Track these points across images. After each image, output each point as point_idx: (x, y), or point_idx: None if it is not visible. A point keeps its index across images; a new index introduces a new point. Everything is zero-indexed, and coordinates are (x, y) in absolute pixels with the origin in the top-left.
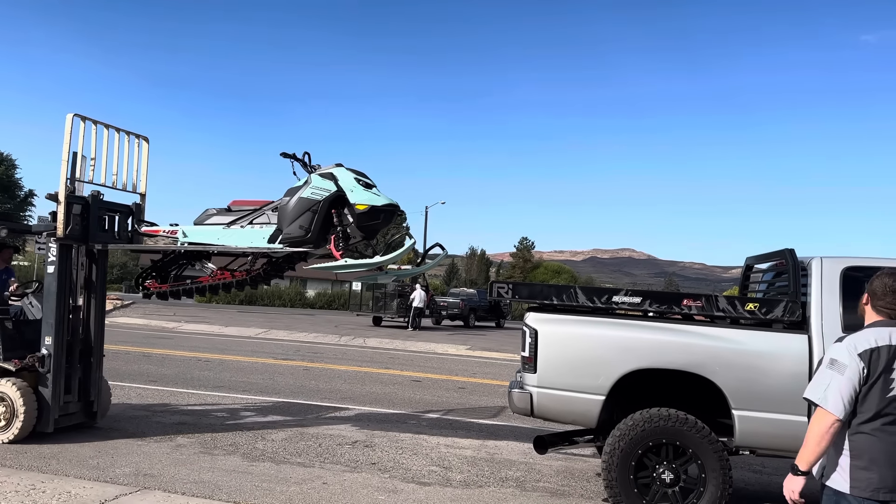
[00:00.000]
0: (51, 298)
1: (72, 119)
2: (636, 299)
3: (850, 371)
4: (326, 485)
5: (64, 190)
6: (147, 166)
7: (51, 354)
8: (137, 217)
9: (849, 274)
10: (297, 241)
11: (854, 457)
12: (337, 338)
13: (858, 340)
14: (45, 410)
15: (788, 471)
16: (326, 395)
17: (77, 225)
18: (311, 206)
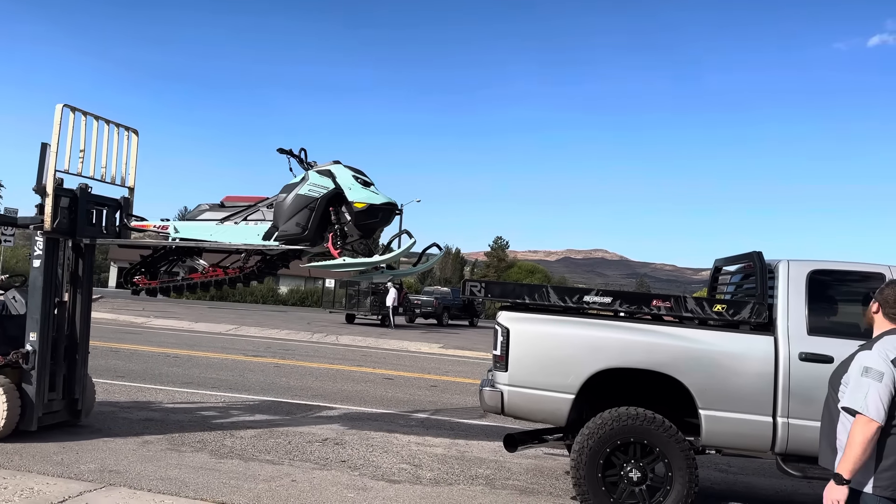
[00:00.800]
0: (36, 294)
1: (61, 109)
2: (607, 299)
3: (887, 377)
4: (295, 482)
5: (52, 182)
6: (136, 160)
7: (36, 351)
8: (126, 211)
9: (815, 277)
10: (293, 238)
11: (881, 458)
12: (309, 335)
13: (888, 348)
14: (29, 408)
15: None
16: (297, 393)
17: (65, 218)
18: (308, 204)
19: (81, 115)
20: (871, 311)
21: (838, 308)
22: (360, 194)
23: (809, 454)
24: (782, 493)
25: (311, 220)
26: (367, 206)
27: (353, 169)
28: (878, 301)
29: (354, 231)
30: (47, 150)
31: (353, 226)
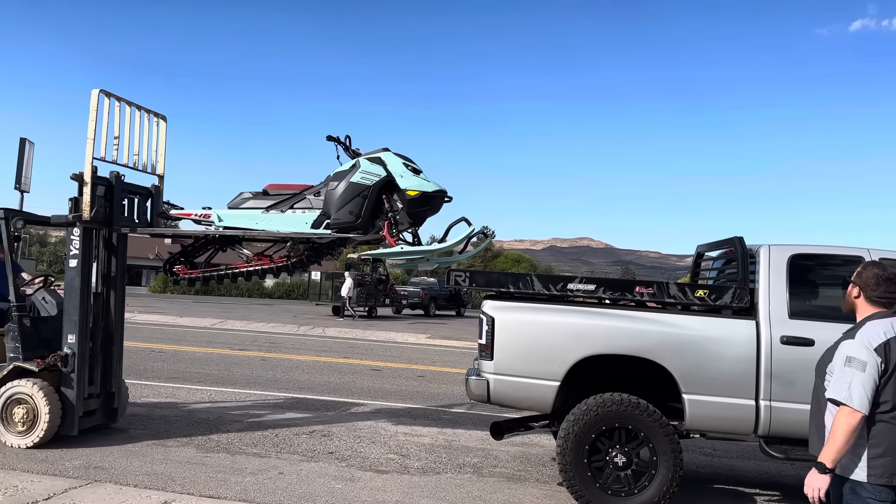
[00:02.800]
0: (73, 294)
1: (98, 95)
2: (591, 287)
3: (871, 367)
4: (283, 475)
5: (90, 170)
6: (165, 147)
7: (75, 353)
8: (158, 199)
9: (795, 261)
10: (346, 226)
11: (872, 445)
12: (296, 328)
13: (870, 335)
14: (70, 412)
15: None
16: (284, 386)
17: (101, 207)
18: (361, 192)
19: (115, 100)
20: (852, 295)
21: (819, 291)
22: (412, 182)
23: (792, 436)
24: (766, 475)
25: (365, 208)
26: (420, 194)
27: (401, 156)
28: (857, 285)
29: (405, 219)
30: (26, 145)
31: (404, 213)
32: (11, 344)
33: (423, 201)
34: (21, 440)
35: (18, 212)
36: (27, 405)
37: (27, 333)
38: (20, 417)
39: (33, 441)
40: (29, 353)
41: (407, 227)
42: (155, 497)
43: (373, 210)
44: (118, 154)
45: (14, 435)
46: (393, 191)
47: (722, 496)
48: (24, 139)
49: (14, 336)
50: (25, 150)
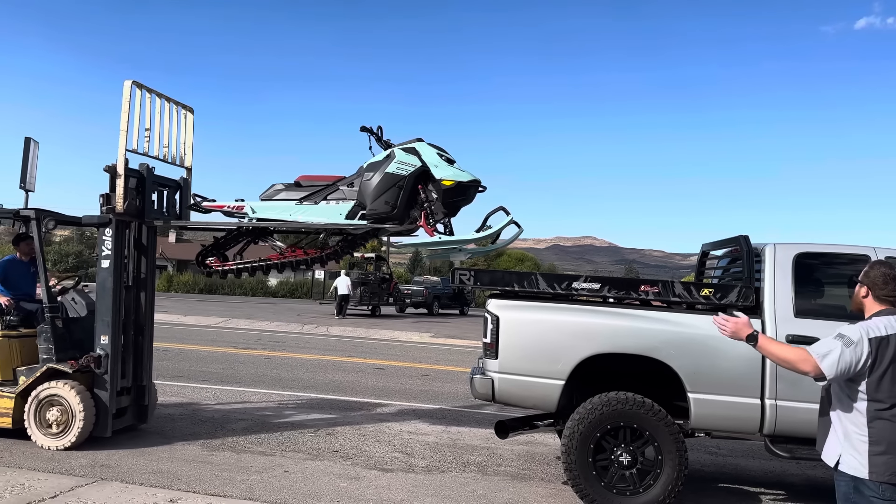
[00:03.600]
0: (106, 295)
1: (130, 86)
2: (595, 285)
3: (858, 348)
4: (288, 473)
5: (123, 162)
6: (192, 139)
7: (108, 355)
8: (186, 192)
9: (801, 260)
10: (382, 216)
11: (873, 443)
12: (299, 326)
13: (871, 327)
14: (103, 414)
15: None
16: (288, 384)
17: (133, 200)
18: (396, 182)
19: (146, 92)
20: (860, 295)
21: (824, 290)
22: (447, 171)
23: (797, 435)
24: (771, 474)
25: (400, 199)
26: (456, 184)
27: (435, 146)
28: (865, 284)
29: (440, 209)
30: (31, 144)
31: (439, 204)
32: (44, 345)
33: (458, 191)
34: (55, 442)
35: (50, 212)
36: (61, 407)
37: (59, 335)
38: (54, 419)
39: (67, 443)
40: (62, 354)
41: (441, 217)
42: (161, 495)
43: (408, 200)
44: (149, 146)
45: (48, 437)
46: (427, 181)
47: (727, 495)
48: (28, 138)
49: (47, 337)
50: (31, 150)
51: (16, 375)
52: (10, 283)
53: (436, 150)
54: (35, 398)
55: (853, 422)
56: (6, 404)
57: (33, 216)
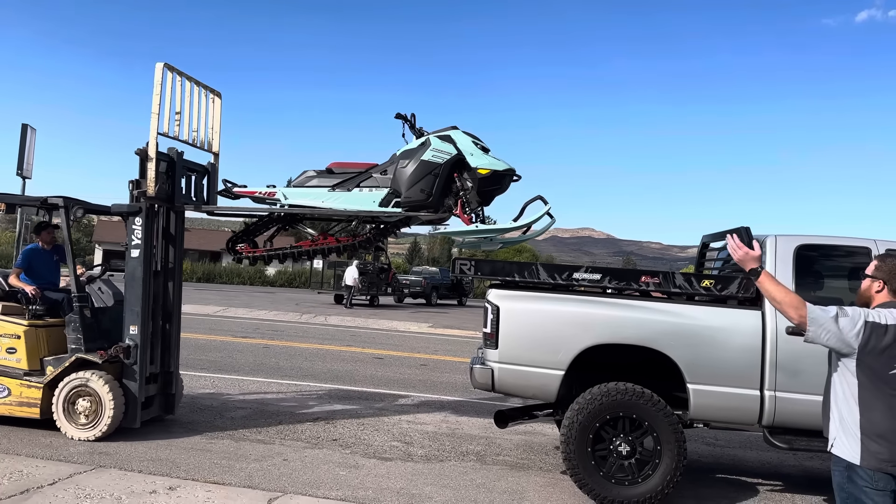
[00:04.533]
0: (136, 284)
1: (162, 69)
2: (596, 276)
3: (849, 322)
4: (287, 461)
5: (154, 145)
6: (220, 123)
7: (137, 345)
8: (214, 177)
9: (802, 252)
10: (417, 204)
11: (865, 430)
12: (298, 315)
13: (872, 312)
14: (132, 404)
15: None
16: (287, 373)
17: (164, 184)
18: (432, 170)
19: (177, 75)
20: (872, 290)
21: (825, 282)
22: (483, 160)
23: (796, 426)
24: (768, 465)
25: (436, 187)
26: (491, 173)
27: (470, 134)
28: (878, 278)
29: (474, 198)
30: (28, 131)
31: (474, 192)
32: (73, 335)
33: (493, 180)
34: (84, 433)
35: (78, 201)
36: (91, 397)
37: (88, 324)
38: (83, 410)
39: (97, 434)
40: (91, 344)
41: (476, 206)
42: (160, 482)
43: (443, 189)
44: (179, 130)
45: (77, 427)
46: (462, 169)
47: (724, 486)
48: (25, 125)
49: (76, 327)
50: (27, 137)
51: (43, 365)
52: (34, 272)
53: (471, 138)
54: (64, 388)
55: (847, 407)
56: (34, 394)
57: (62, 204)
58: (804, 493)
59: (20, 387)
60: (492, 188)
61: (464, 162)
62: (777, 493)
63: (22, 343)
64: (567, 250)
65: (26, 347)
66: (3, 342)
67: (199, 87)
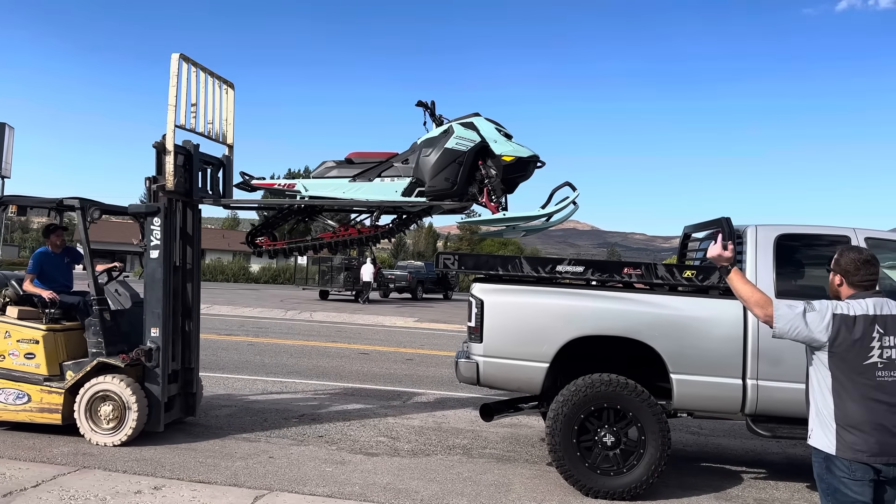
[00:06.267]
0: (156, 286)
1: (178, 60)
2: (579, 268)
3: (817, 316)
4: (273, 458)
5: (172, 138)
6: (234, 115)
7: (159, 348)
8: (229, 170)
9: (782, 241)
10: (442, 193)
11: (839, 420)
12: (283, 312)
13: (840, 304)
14: (155, 408)
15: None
16: (272, 370)
17: (181, 178)
18: (456, 158)
19: (192, 66)
20: (834, 283)
21: (805, 271)
22: (507, 147)
23: (778, 414)
24: (752, 453)
25: (461, 175)
26: (516, 160)
27: (492, 121)
28: (837, 272)
29: (499, 185)
30: (5, 130)
31: (498, 180)
32: (93, 339)
33: (518, 167)
34: (108, 438)
35: (94, 202)
36: (113, 402)
37: (109, 328)
38: (106, 415)
39: (121, 439)
40: (111, 348)
41: (500, 193)
42: (145, 482)
43: (467, 177)
44: (196, 122)
45: (100, 433)
46: (486, 157)
47: (709, 474)
48: (2, 123)
49: (96, 331)
50: (5, 136)
51: (62, 370)
52: (46, 276)
53: (493, 125)
54: (86, 394)
55: (823, 398)
56: (55, 400)
57: (78, 206)
58: (788, 480)
59: (41, 393)
60: (516, 175)
61: (487, 149)
62: (761, 480)
63: (41, 348)
64: (552, 242)
65: (45, 352)
66: (22, 347)
67: (214, 79)
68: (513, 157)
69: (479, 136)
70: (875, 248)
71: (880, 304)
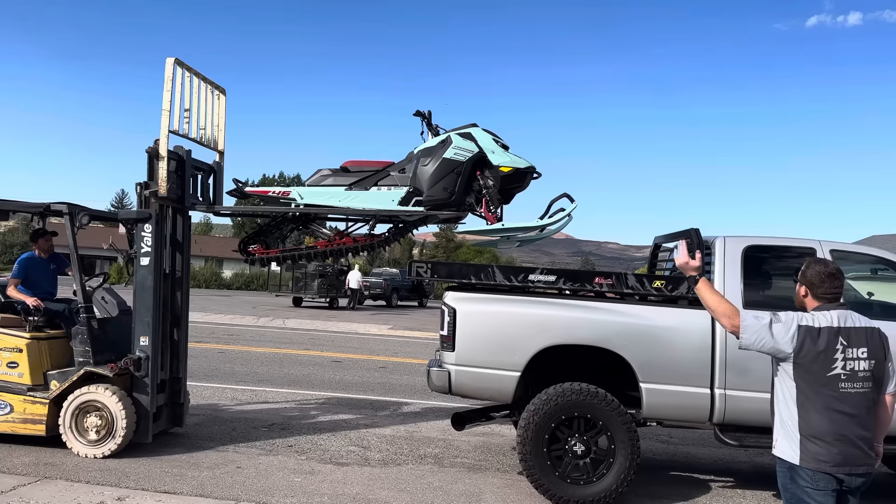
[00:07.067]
0: (146, 294)
1: (173, 65)
2: (551, 278)
3: (782, 328)
4: (241, 469)
5: (166, 144)
6: (225, 121)
7: (148, 357)
8: (219, 177)
9: (750, 253)
10: (440, 203)
11: (803, 431)
12: (255, 319)
13: (805, 316)
14: (143, 419)
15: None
16: (242, 378)
17: (174, 184)
18: (454, 168)
19: (186, 71)
20: (800, 294)
21: (773, 282)
22: (505, 158)
23: (745, 424)
24: (720, 461)
25: (459, 185)
26: (513, 171)
27: (490, 132)
28: (803, 284)
29: (496, 196)
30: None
31: (495, 190)
32: (81, 348)
33: (515, 178)
34: (94, 450)
35: (83, 207)
36: (100, 413)
37: (96, 336)
38: (93, 426)
39: (108, 451)
40: (99, 357)
41: (497, 204)
42: (108, 493)
43: (465, 187)
44: (189, 128)
45: (86, 445)
46: (484, 167)
47: (678, 483)
48: None
49: (83, 339)
50: None
51: (46, 380)
52: (31, 282)
53: (491, 135)
54: (72, 404)
55: (787, 408)
56: (39, 410)
57: (66, 211)
58: (755, 488)
59: (24, 403)
60: (513, 186)
61: (485, 160)
62: (729, 489)
63: (24, 357)
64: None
65: (29, 361)
66: (5, 356)
67: (206, 84)
68: (510, 168)
69: (477, 146)
70: (840, 261)
71: (844, 316)
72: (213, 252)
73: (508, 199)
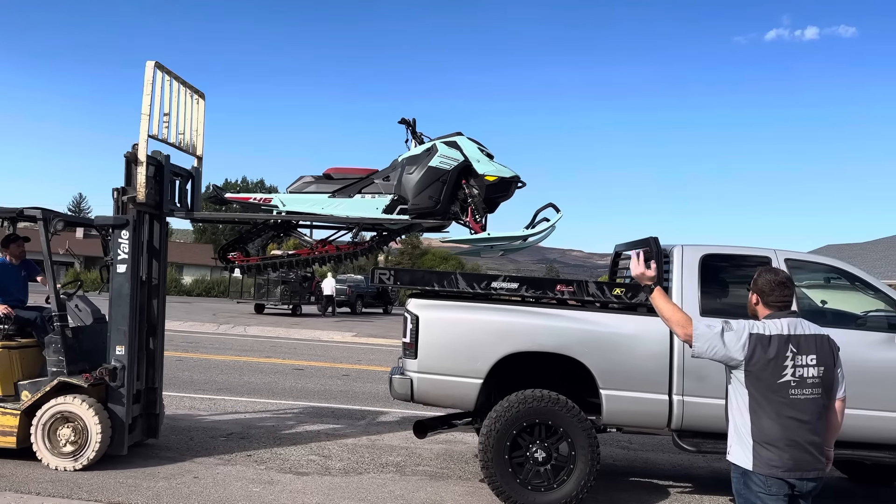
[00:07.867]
0: (122, 302)
1: (153, 68)
2: (513, 285)
3: (733, 336)
4: (198, 479)
5: (145, 149)
6: (204, 126)
7: (124, 367)
8: (198, 182)
9: (707, 261)
10: (425, 211)
11: (755, 437)
12: (215, 326)
13: (756, 324)
14: (119, 430)
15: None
16: (201, 387)
17: (152, 189)
18: (440, 176)
19: (166, 75)
20: (752, 302)
21: (729, 290)
22: (490, 167)
23: (703, 430)
24: (679, 467)
25: (444, 193)
26: (499, 180)
27: (475, 141)
28: (754, 292)
29: (480, 205)
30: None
31: (480, 199)
32: (54, 357)
33: (500, 187)
34: (68, 462)
35: (58, 213)
36: (74, 424)
37: (70, 345)
38: (67, 438)
39: (82, 464)
40: (73, 366)
41: (482, 213)
42: None
43: (450, 196)
44: (168, 132)
45: (59, 457)
46: (469, 176)
47: (638, 489)
48: None
49: (57, 349)
50: None
51: (17, 390)
52: (1, 288)
53: (476, 144)
54: (44, 415)
55: (741, 415)
56: (9, 422)
57: (40, 216)
58: (713, 493)
59: None
60: (498, 195)
61: (470, 168)
62: (687, 494)
63: None
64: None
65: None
66: None
67: (186, 88)
68: (496, 177)
69: (463, 155)
70: (795, 270)
71: (794, 324)
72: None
73: (493, 208)
